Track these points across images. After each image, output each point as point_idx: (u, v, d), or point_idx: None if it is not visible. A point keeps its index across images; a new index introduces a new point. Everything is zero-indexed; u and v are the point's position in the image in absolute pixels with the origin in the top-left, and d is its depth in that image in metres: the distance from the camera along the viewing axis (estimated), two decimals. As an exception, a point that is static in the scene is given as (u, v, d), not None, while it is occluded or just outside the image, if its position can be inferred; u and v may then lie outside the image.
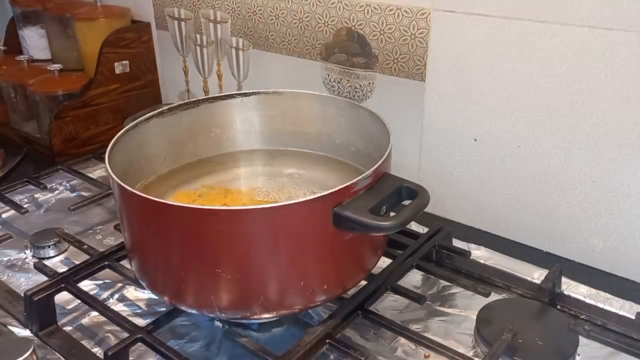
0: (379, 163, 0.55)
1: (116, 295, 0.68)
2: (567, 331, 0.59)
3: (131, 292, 0.68)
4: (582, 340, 0.59)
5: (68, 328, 0.63)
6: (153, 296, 0.66)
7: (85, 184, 0.91)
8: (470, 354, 0.58)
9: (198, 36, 1.04)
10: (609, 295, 0.65)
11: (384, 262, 0.66)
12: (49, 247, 0.75)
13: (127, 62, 1.08)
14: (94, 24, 1.08)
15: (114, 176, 0.54)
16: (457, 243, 0.74)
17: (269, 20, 0.92)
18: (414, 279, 0.69)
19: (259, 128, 0.76)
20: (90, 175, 0.93)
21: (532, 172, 0.73)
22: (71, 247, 0.75)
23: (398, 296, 0.64)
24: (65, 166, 0.94)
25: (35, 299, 0.61)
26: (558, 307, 0.63)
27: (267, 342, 0.60)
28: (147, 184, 0.69)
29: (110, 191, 0.80)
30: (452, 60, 0.75)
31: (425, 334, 0.58)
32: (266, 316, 0.56)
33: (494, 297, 0.64)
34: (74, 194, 0.91)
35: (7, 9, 1.27)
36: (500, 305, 0.63)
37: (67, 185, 0.92)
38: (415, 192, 0.54)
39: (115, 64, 1.07)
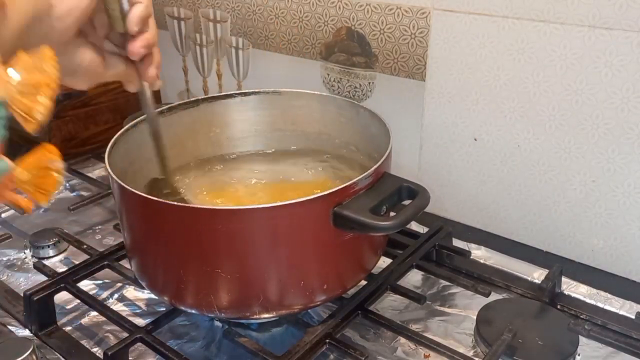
0: (379, 163, 0.54)
1: (116, 295, 0.68)
2: (567, 331, 0.59)
3: (131, 292, 0.68)
4: (582, 340, 0.59)
5: (68, 328, 0.63)
6: (153, 296, 0.66)
7: (84, 184, 0.91)
8: (470, 354, 0.58)
9: (198, 35, 1.04)
10: (609, 295, 0.65)
11: (384, 262, 0.66)
12: (49, 246, 0.75)
13: (126, 61, 1.08)
14: (94, 24, 1.08)
15: (113, 176, 0.54)
16: (457, 243, 0.74)
17: (269, 20, 0.92)
18: (414, 278, 0.69)
19: (259, 128, 0.76)
20: (90, 175, 0.93)
21: (532, 172, 0.73)
22: (71, 246, 0.75)
23: (398, 296, 0.64)
24: (65, 166, 0.94)
25: (35, 298, 0.61)
26: (558, 306, 0.63)
27: (267, 342, 0.60)
28: (147, 183, 0.69)
29: (109, 191, 0.80)
30: (452, 60, 0.75)
31: (425, 334, 0.58)
32: (266, 316, 0.56)
33: (494, 297, 0.64)
34: (74, 193, 0.91)
35: (6, 9, 1.27)
36: (500, 305, 0.63)
37: (67, 185, 0.92)
38: (415, 192, 0.54)
39: (115, 63, 1.06)
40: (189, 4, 1.03)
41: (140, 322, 0.62)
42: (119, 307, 0.66)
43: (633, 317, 0.62)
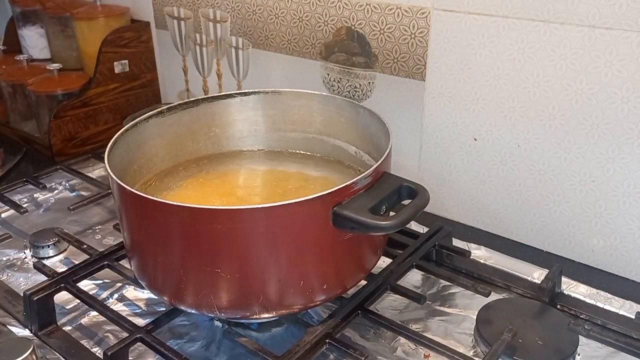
0: (379, 162, 0.54)
1: (115, 295, 0.68)
2: (567, 331, 0.59)
3: (130, 291, 0.68)
4: (582, 339, 0.59)
5: (67, 328, 0.63)
6: (152, 296, 0.66)
7: (84, 184, 0.91)
8: (470, 353, 0.58)
9: (198, 35, 1.04)
10: (609, 295, 0.65)
11: (384, 261, 0.66)
12: (49, 246, 0.75)
13: (126, 61, 1.08)
14: (94, 23, 1.08)
15: (113, 176, 0.54)
16: (457, 243, 0.74)
17: (269, 20, 0.92)
18: (413, 278, 0.69)
19: (259, 127, 0.76)
20: (90, 174, 0.93)
21: (532, 172, 0.73)
22: (70, 246, 0.75)
23: (398, 296, 0.64)
24: (65, 166, 0.94)
25: (35, 298, 0.61)
26: (558, 306, 0.63)
27: (267, 342, 0.60)
28: (147, 183, 0.69)
29: (109, 191, 0.80)
30: (452, 60, 0.75)
31: (425, 334, 0.58)
32: (266, 316, 0.56)
33: (494, 296, 0.64)
34: (74, 193, 0.91)
35: (6, 9, 1.27)
36: (500, 305, 0.63)
37: (67, 184, 0.92)
38: (415, 192, 0.54)
39: (115, 63, 1.07)
40: (189, 4, 1.03)
41: (140, 322, 0.62)
42: (118, 307, 0.65)
43: (633, 317, 0.62)
